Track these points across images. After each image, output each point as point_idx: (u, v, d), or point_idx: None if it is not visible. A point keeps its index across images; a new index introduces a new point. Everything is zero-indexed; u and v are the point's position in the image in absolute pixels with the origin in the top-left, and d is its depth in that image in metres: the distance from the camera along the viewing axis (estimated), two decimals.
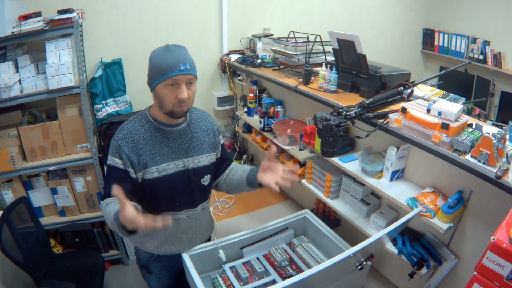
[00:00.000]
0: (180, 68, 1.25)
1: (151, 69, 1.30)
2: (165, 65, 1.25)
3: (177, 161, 1.41)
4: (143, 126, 1.37)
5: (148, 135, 1.36)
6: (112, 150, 1.35)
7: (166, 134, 1.39)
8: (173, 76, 1.25)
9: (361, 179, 1.63)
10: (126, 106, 2.70)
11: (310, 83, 2.02)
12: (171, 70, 1.24)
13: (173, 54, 1.27)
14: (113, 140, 1.35)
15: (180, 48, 1.31)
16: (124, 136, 1.34)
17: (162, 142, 1.38)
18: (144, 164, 1.34)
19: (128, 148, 1.32)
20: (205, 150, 1.49)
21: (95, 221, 2.56)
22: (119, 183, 1.23)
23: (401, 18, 3.92)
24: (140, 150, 1.33)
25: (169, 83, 1.26)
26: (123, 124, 1.39)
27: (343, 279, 1.44)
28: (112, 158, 1.34)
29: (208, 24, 2.91)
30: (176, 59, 1.26)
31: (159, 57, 1.28)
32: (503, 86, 3.49)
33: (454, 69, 1.86)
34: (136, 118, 1.39)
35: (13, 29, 2.00)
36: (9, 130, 2.25)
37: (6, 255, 1.79)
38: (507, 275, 0.80)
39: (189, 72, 1.28)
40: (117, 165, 1.33)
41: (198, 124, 1.49)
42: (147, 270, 1.59)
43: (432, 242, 1.52)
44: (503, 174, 1.08)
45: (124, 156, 1.32)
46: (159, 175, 1.37)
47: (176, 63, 1.25)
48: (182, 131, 1.42)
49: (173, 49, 1.29)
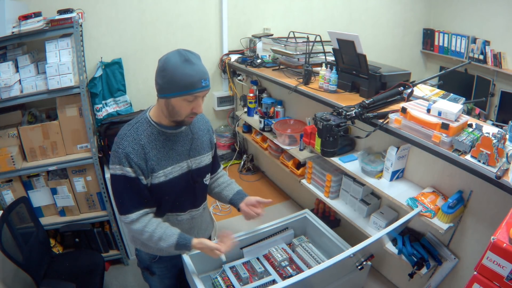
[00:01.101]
0: (202, 85, 1.24)
1: (168, 80, 1.23)
2: (187, 81, 1.22)
3: (181, 163, 1.41)
4: (146, 131, 1.33)
5: (152, 140, 1.33)
6: (119, 159, 1.29)
7: (169, 137, 1.38)
8: (195, 93, 1.24)
9: (361, 179, 1.63)
10: (126, 106, 2.70)
11: (310, 83, 2.02)
12: (194, 87, 1.23)
13: (195, 69, 1.23)
14: (118, 148, 1.30)
15: (198, 60, 1.26)
16: (129, 143, 1.30)
17: (166, 146, 1.37)
18: (151, 169, 1.33)
19: (136, 155, 1.29)
20: (205, 150, 1.50)
21: (95, 221, 2.56)
22: (138, 193, 1.33)
23: (401, 18, 3.92)
24: (147, 155, 1.31)
25: (189, 99, 1.25)
26: (124, 130, 1.33)
27: (343, 279, 1.44)
28: (122, 168, 1.29)
29: (208, 24, 2.91)
30: (198, 75, 1.23)
31: (180, 70, 1.21)
32: (503, 86, 3.49)
33: (454, 69, 1.86)
34: (137, 123, 1.35)
35: (13, 29, 2.00)
36: (9, 130, 2.24)
37: (6, 255, 1.79)
38: (507, 275, 0.80)
39: (208, 88, 1.28)
40: (129, 174, 1.29)
41: (196, 124, 1.49)
42: (149, 271, 1.59)
43: (432, 242, 1.52)
44: (503, 174, 1.08)
45: (133, 164, 1.29)
46: (166, 178, 1.37)
47: (199, 80, 1.23)
48: (184, 132, 1.42)
49: (193, 61, 1.23)
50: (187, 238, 1.39)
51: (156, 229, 1.36)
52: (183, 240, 1.38)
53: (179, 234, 1.39)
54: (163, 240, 1.36)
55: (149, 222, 1.36)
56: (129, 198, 1.34)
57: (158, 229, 1.36)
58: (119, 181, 1.32)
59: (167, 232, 1.37)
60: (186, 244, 1.38)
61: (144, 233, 1.35)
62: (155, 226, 1.36)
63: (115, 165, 1.31)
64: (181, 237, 1.38)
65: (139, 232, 1.36)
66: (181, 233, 1.40)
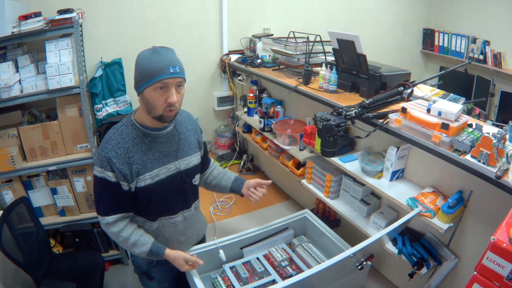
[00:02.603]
0: (170, 71, 1.21)
1: (139, 72, 1.25)
2: (154, 68, 1.21)
3: (168, 164, 1.39)
4: (130, 134, 1.32)
5: (137, 142, 1.32)
6: (101, 162, 1.28)
7: (155, 138, 1.36)
8: (162, 80, 1.21)
9: (361, 179, 1.63)
10: (126, 106, 2.70)
11: (310, 83, 2.02)
12: (161, 73, 1.21)
13: (162, 57, 1.23)
14: (101, 151, 1.29)
15: (168, 51, 1.27)
16: (113, 147, 1.28)
17: (152, 148, 1.35)
18: (136, 172, 1.31)
19: (119, 160, 1.27)
20: (193, 150, 1.49)
21: (95, 221, 2.56)
22: (115, 197, 1.33)
23: (401, 18, 3.92)
24: (131, 159, 1.29)
25: (158, 86, 1.22)
26: (109, 134, 1.32)
27: (343, 279, 1.44)
28: (104, 171, 1.28)
29: (208, 24, 2.91)
30: (165, 61, 1.22)
31: (147, 60, 1.23)
32: (503, 86, 3.49)
33: (454, 69, 1.86)
34: (122, 126, 1.33)
35: (13, 29, 2.00)
36: (9, 130, 2.24)
37: (6, 255, 1.79)
38: (507, 275, 0.80)
39: (178, 75, 1.24)
40: (109, 178, 1.29)
41: (183, 125, 1.48)
42: (148, 276, 1.57)
43: (432, 242, 1.52)
44: (503, 174, 1.08)
45: (115, 169, 1.27)
46: (152, 181, 1.35)
47: (166, 66, 1.21)
48: (170, 133, 1.40)
49: (161, 51, 1.25)
50: (160, 248, 1.42)
51: (131, 235, 1.38)
52: (156, 249, 1.41)
53: (152, 242, 1.41)
54: (136, 246, 1.38)
55: (124, 228, 1.37)
56: (107, 201, 1.34)
57: (133, 235, 1.38)
58: (99, 183, 1.32)
59: (141, 240, 1.39)
60: (158, 253, 1.42)
61: (119, 237, 1.37)
62: (130, 232, 1.38)
63: (97, 167, 1.31)
64: (155, 246, 1.41)
65: (115, 235, 1.38)
66: (155, 242, 1.43)
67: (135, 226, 1.41)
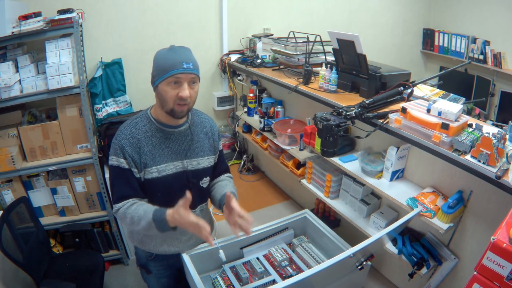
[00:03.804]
0: (183, 66, 1.27)
1: (155, 67, 1.32)
2: (169, 64, 1.27)
3: (176, 162, 1.41)
4: (144, 126, 1.37)
5: (149, 135, 1.37)
6: (115, 150, 1.35)
7: (167, 135, 1.39)
8: (175, 74, 1.26)
9: (361, 179, 1.63)
10: (126, 106, 2.70)
11: (310, 83, 2.02)
12: (174, 68, 1.26)
13: (177, 54, 1.29)
14: (115, 140, 1.35)
15: (185, 49, 1.33)
16: (126, 136, 1.34)
17: (163, 143, 1.38)
18: (144, 163, 1.35)
19: (131, 147, 1.33)
20: (205, 153, 1.49)
21: (95, 221, 2.56)
22: (129, 183, 1.34)
23: (401, 18, 3.92)
24: (141, 149, 1.34)
25: (171, 81, 1.28)
26: (124, 124, 1.39)
27: (343, 279, 1.44)
28: (117, 159, 1.34)
29: (208, 24, 2.91)
30: (180, 58, 1.28)
31: (163, 56, 1.30)
32: (503, 86, 3.49)
33: (454, 69, 1.86)
34: (137, 118, 1.40)
35: (13, 29, 2.00)
36: (9, 130, 2.24)
37: (6, 255, 1.79)
38: (507, 275, 0.80)
39: (191, 71, 1.29)
40: (122, 165, 1.33)
41: (199, 127, 1.49)
42: (146, 269, 1.59)
43: (432, 242, 1.52)
44: (503, 174, 1.08)
45: (127, 156, 1.33)
46: (159, 175, 1.38)
47: (179, 62, 1.27)
48: (183, 132, 1.43)
49: (177, 49, 1.32)
50: (162, 210, 1.30)
51: (136, 209, 1.32)
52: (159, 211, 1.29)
53: (155, 208, 1.31)
54: (143, 218, 1.29)
55: (131, 206, 1.33)
56: (120, 187, 1.36)
57: (138, 208, 1.32)
58: (113, 171, 1.36)
59: (146, 209, 1.31)
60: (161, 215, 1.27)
61: (127, 216, 1.32)
62: (135, 207, 1.33)
63: (112, 157, 1.36)
64: (156, 209, 1.30)
65: (123, 216, 1.34)
66: (157, 208, 1.31)
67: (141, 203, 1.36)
